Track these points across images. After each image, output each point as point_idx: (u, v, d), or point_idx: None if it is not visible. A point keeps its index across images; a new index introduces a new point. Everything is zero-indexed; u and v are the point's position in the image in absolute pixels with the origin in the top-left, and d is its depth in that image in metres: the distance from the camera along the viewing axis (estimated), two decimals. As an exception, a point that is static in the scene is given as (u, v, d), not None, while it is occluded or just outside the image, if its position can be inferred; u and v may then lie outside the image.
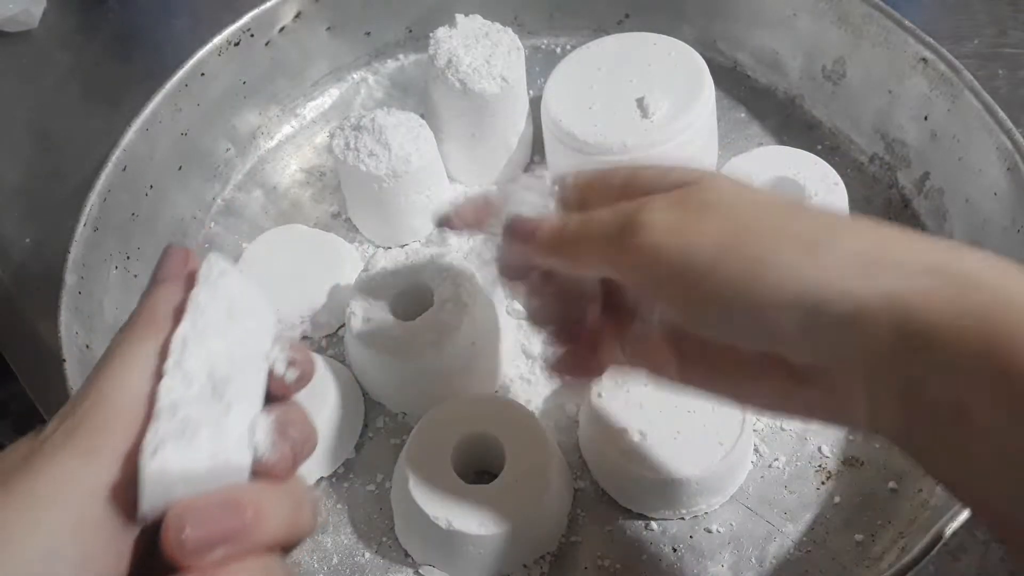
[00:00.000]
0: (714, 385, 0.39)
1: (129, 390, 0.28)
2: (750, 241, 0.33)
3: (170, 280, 0.32)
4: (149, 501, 0.27)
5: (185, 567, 0.27)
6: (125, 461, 0.27)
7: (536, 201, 0.41)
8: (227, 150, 0.65)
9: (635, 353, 0.42)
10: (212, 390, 0.29)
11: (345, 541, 0.51)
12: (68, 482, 0.27)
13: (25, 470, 0.27)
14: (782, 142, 0.64)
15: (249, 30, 0.62)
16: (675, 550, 0.50)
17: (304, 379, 0.32)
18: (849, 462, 0.52)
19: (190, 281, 0.31)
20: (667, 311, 0.38)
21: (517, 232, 0.40)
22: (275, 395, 0.31)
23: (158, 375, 0.29)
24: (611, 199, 0.38)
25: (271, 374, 0.31)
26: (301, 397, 0.32)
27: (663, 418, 0.49)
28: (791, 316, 0.32)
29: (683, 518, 0.50)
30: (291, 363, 0.31)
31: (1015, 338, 0.29)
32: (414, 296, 0.53)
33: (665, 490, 0.49)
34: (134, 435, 0.28)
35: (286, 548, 0.30)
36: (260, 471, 0.29)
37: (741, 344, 0.35)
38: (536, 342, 0.55)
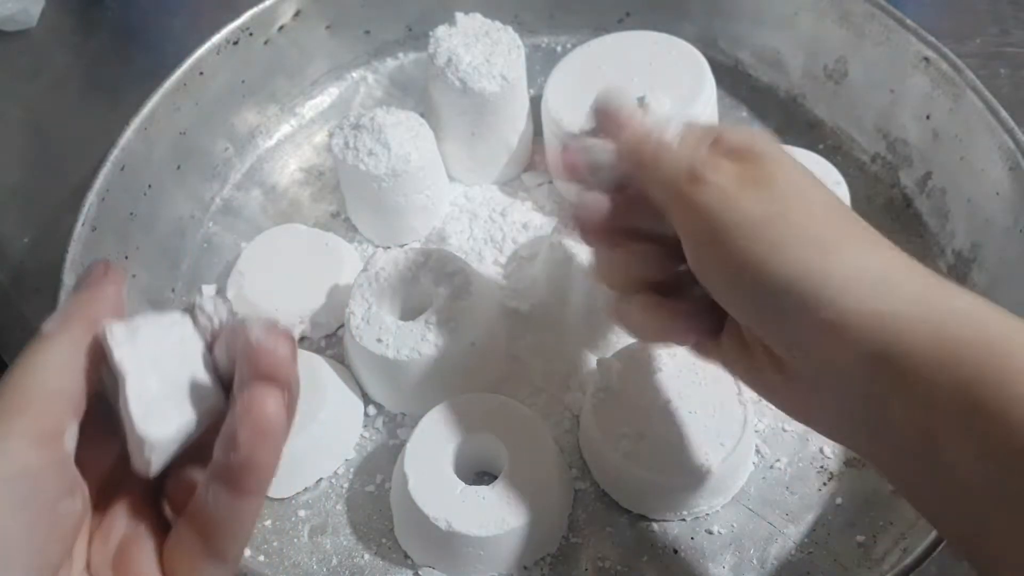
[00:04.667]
0: (714, 349, 0.41)
1: (46, 382, 0.31)
2: (778, 223, 0.35)
3: (88, 287, 0.34)
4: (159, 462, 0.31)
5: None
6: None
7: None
8: (226, 149, 0.64)
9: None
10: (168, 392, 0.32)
11: (344, 542, 0.51)
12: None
13: None
14: (784, 141, 0.62)
15: (248, 29, 0.62)
16: (676, 551, 0.49)
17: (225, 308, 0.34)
18: (851, 463, 0.51)
19: (114, 290, 0.34)
20: (692, 265, 0.38)
21: (610, 116, 0.41)
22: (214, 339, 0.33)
23: (74, 368, 0.31)
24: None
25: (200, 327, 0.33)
26: (301, 399, 0.32)
27: (664, 419, 0.49)
28: (780, 305, 0.34)
29: (684, 519, 0.50)
30: (207, 313, 0.33)
31: (991, 378, 0.30)
32: (414, 296, 0.53)
33: (666, 491, 0.49)
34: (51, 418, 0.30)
35: None
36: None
37: (737, 318, 0.37)
38: (535, 342, 0.55)
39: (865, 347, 0.33)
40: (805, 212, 0.35)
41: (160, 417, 0.30)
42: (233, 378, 0.31)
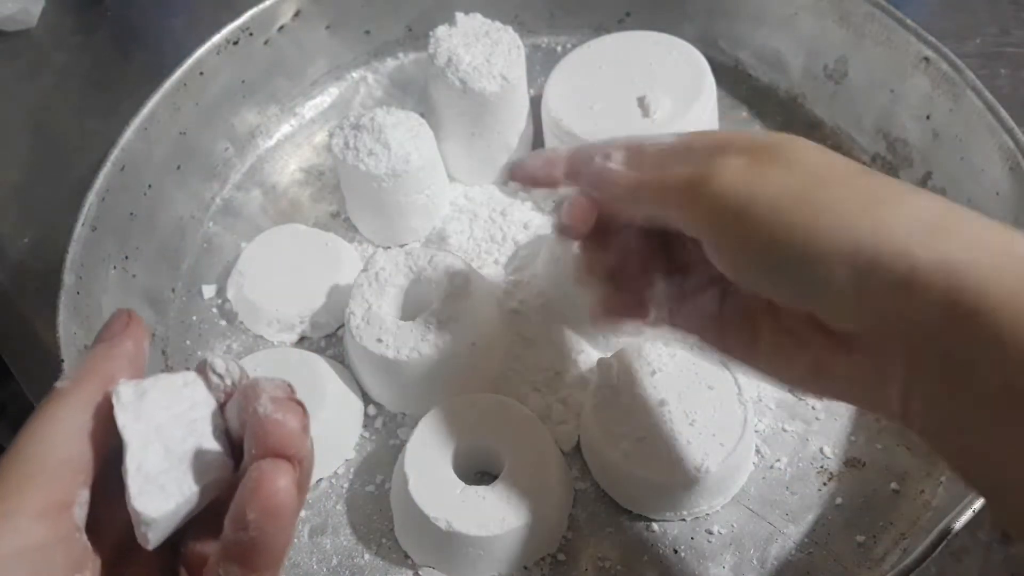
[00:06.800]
0: (750, 354, 0.39)
1: (55, 451, 0.30)
2: (815, 190, 0.33)
3: (107, 339, 0.33)
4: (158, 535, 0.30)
5: None
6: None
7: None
8: (226, 149, 0.64)
9: (680, 315, 0.42)
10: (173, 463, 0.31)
11: (344, 542, 0.51)
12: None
13: None
14: (783, 141, 0.63)
15: (248, 29, 0.62)
16: (676, 551, 0.49)
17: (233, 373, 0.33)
18: (851, 463, 0.51)
19: (133, 345, 0.33)
20: (722, 262, 0.36)
21: (594, 176, 0.40)
22: (226, 400, 0.33)
23: (82, 433, 0.30)
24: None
25: (211, 385, 0.33)
26: (301, 398, 0.32)
27: (664, 419, 0.49)
28: (843, 271, 0.32)
29: (684, 519, 0.50)
30: (219, 373, 0.33)
31: None
32: (414, 296, 0.53)
33: (666, 491, 0.49)
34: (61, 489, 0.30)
35: None
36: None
37: (786, 301, 0.35)
38: (535, 342, 0.55)
39: (942, 298, 0.30)
40: (838, 176, 0.34)
41: (159, 492, 0.30)
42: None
